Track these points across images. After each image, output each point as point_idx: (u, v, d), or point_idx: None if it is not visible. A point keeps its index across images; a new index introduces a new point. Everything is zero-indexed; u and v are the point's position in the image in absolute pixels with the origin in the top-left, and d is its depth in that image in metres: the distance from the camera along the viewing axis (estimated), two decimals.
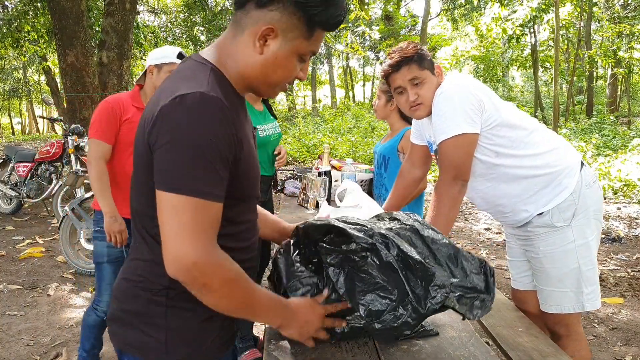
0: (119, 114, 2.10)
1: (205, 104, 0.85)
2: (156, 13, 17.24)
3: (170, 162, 0.84)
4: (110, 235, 2.08)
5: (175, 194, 0.84)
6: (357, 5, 7.91)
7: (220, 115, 0.86)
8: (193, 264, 0.84)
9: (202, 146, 0.83)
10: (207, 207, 0.85)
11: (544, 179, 1.72)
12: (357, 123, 15.58)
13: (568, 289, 1.74)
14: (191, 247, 0.83)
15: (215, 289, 0.88)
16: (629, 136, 11.29)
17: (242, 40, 0.93)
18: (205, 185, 0.85)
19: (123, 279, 1.02)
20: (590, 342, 2.93)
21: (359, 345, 1.12)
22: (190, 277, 0.85)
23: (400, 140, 2.59)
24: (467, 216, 6.34)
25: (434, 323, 1.23)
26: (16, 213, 6.02)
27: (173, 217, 0.84)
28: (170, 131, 0.84)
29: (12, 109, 30.90)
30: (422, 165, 2.14)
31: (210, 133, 0.84)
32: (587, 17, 14.59)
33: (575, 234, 1.71)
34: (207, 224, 0.86)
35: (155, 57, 2.15)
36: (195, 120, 0.84)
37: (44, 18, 10.14)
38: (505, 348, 1.80)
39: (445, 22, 23.95)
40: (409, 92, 1.74)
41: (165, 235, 0.85)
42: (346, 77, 31.68)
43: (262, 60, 0.93)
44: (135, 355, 0.99)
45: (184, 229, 0.84)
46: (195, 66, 0.94)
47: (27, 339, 2.94)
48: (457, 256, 1.10)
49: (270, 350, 1.11)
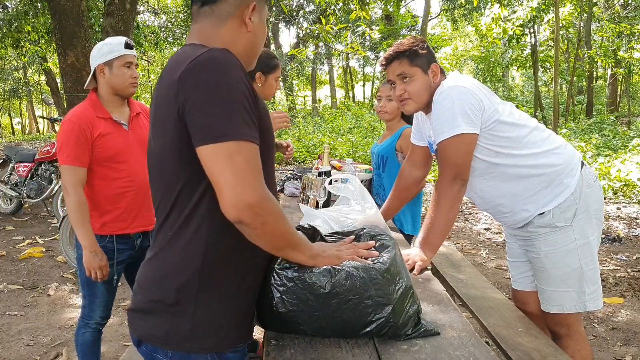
0: (88, 133, 1.91)
1: (220, 56, 0.91)
2: (156, 13, 17.24)
3: (209, 115, 0.88)
4: (89, 271, 1.92)
5: (223, 142, 0.87)
6: (357, 5, 7.90)
7: (238, 64, 0.92)
8: (256, 203, 0.89)
9: (232, 93, 0.88)
10: (253, 149, 0.90)
11: (544, 178, 1.72)
12: (357, 123, 15.59)
13: (570, 289, 1.74)
14: (251, 187, 0.88)
15: (272, 226, 0.93)
16: (628, 136, 11.29)
17: (227, 26, 1.01)
18: (247, 129, 0.89)
19: (150, 269, 1.04)
20: (590, 342, 2.93)
21: (359, 346, 1.12)
22: (253, 216, 0.89)
23: (398, 139, 2.59)
24: (467, 216, 6.34)
25: (435, 323, 1.23)
26: (16, 213, 6.02)
27: (227, 164, 0.87)
28: (198, 88, 0.88)
29: (12, 109, 30.91)
30: (423, 166, 2.14)
31: (235, 79, 0.90)
32: (587, 17, 14.59)
33: (576, 233, 1.71)
34: (257, 165, 0.91)
35: (100, 54, 1.94)
36: (217, 71, 0.89)
37: (44, 18, 10.14)
38: (505, 348, 1.80)
39: (445, 22, 23.95)
40: (397, 87, 1.76)
41: (222, 183, 0.88)
42: (346, 77, 31.69)
43: (251, 35, 1.04)
44: (157, 344, 1.01)
45: (241, 172, 0.88)
46: (190, 47, 0.99)
47: (27, 339, 2.94)
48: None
49: (270, 350, 1.11)
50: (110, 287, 2.09)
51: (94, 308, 2.09)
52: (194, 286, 0.98)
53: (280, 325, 1.13)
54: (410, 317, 1.15)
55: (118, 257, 2.04)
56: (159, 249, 1.03)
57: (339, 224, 1.68)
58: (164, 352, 1.01)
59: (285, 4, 14.44)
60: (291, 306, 1.08)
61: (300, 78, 30.59)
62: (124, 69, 1.97)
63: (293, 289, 1.08)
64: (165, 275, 1.00)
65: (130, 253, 2.10)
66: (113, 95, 2.00)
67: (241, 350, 1.09)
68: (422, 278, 1.61)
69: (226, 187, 0.88)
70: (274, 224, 0.93)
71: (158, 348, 1.01)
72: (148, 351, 1.03)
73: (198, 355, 1.00)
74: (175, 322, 0.99)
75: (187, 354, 1.00)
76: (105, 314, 2.13)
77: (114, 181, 1.98)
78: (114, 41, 1.98)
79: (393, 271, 1.15)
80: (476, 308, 2.23)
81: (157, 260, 1.02)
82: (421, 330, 1.16)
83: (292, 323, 1.10)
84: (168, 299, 0.99)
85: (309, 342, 1.13)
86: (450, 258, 3.28)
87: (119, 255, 2.04)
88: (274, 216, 0.93)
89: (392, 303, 1.11)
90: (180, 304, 0.98)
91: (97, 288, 2.06)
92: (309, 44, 20.38)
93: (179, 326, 0.99)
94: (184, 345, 0.99)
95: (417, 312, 1.17)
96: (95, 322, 2.11)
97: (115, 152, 1.96)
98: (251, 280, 1.07)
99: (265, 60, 2.46)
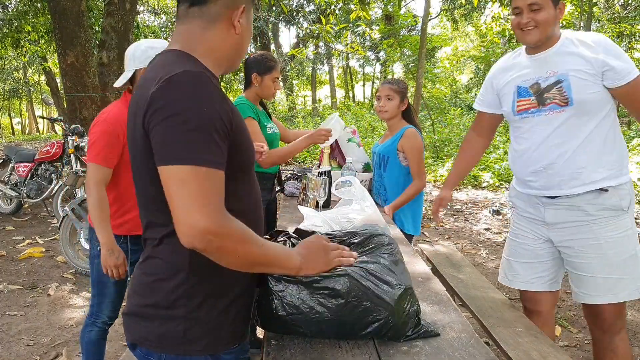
0: (122, 135, 1.93)
1: (192, 78, 0.90)
2: (156, 13, 17.24)
3: (169, 136, 0.87)
4: (106, 269, 1.95)
5: (179, 166, 0.86)
6: (357, 5, 7.90)
7: (209, 88, 0.91)
8: (206, 230, 0.86)
9: (197, 117, 0.87)
10: (211, 174, 0.88)
11: (623, 153, 1.82)
12: (357, 123, 15.59)
13: (626, 276, 1.80)
14: (202, 214, 0.86)
15: (231, 250, 0.91)
16: (629, 136, 11.29)
17: (216, 28, 1.01)
18: (207, 154, 0.88)
19: (143, 274, 1.05)
20: (590, 342, 2.92)
21: (359, 346, 1.12)
22: (205, 243, 0.88)
23: (400, 139, 2.60)
24: (467, 216, 6.34)
25: (435, 324, 1.23)
26: (16, 213, 6.02)
27: (180, 188, 0.86)
28: (164, 109, 0.88)
29: (12, 109, 30.91)
30: (489, 135, 2.23)
31: (203, 104, 0.88)
32: (587, 17, 14.59)
33: (631, 221, 1.80)
34: (214, 191, 0.89)
35: (146, 56, 1.92)
36: (186, 95, 0.88)
37: (44, 18, 10.14)
38: (505, 348, 1.80)
39: (446, 22, 23.94)
40: (524, 15, 1.79)
41: (175, 207, 0.87)
42: (346, 77, 31.69)
43: (239, 37, 1.05)
44: (151, 348, 1.02)
45: (193, 197, 0.86)
46: (172, 55, 0.99)
47: (27, 339, 2.94)
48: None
49: (270, 350, 1.11)
50: (122, 287, 2.10)
51: (102, 308, 2.11)
52: (185, 290, 0.99)
53: (280, 327, 1.13)
54: (410, 318, 1.15)
55: (131, 257, 2.05)
56: (148, 254, 1.04)
57: (338, 224, 1.68)
58: (158, 355, 1.02)
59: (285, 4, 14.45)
60: (290, 308, 1.08)
61: (300, 78, 30.59)
62: None
63: (293, 290, 1.08)
64: (156, 280, 1.01)
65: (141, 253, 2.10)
66: None
67: (236, 351, 1.09)
68: (422, 278, 1.61)
69: (178, 211, 0.87)
70: (232, 248, 0.91)
71: (152, 351, 1.02)
72: (143, 354, 1.04)
73: (192, 357, 1.01)
74: (167, 325, 1.00)
75: (181, 357, 1.01)
76: (113, 314, 2.14)
77: None
78: (160, 45, 1.96)
79: (393, 272, 1.15)
80: (476, 308, 2.23)
81: (148, 265, 1.04)
82: (421, 331, 1.16)
83: (292, 325, 1.10)
84: (160, 302, 1.00)
85: (309, 342, 1.13)
86: (450, 258, 3.27)
87: (132, 256, 2.05)
88: (232, 241, 0.90)
89: (392, 304, 1.11)
90: (172, 307, 1.00)
91: (108, 288, 2.08)
92: (309, 44, 20.38)
93: (171, 329, 1.00)
94: (178, 348, 1.00)
95: (416, 313, 1.17)
96: (103, 321, 2.12)
97: None
98: (244, 283, 1.08)
99: (260, 62, 2.49)
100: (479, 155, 2.28)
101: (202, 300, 1.00)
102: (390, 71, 20.30)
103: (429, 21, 12.65)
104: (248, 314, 1.12)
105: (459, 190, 8.36)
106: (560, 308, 3.41)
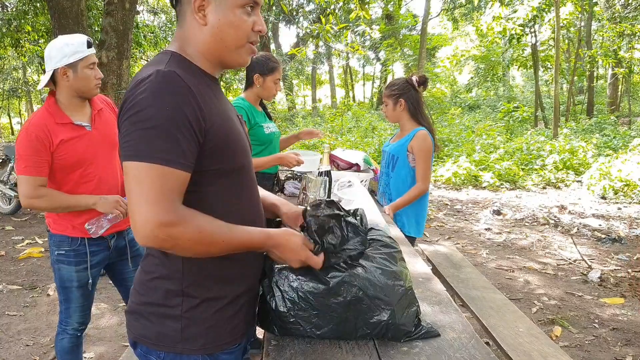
0: (47, 142, 1.81)
1: (162, 78, 0.90)
2: (156, 13, 17.23)
3: (130, 134, 0.88)
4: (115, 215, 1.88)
5: (135, 162, 0.87)
6: (357, 4, 7.89)
7: (177, 87, 0.90)
8: (157, 227, 0.86)
9: (160, 116, 0.87)
10: (167, 173, 0.88)
11: None
12: (357, 123, 15.58)
13: None
14: (151, 212, 0.86)
15: (186, 245, 0.91)
16: (629, 136, 11.28)
17: (187, 25, 1.01)
18: (165, 153, 0.87)
19: (142, 271, 1.06)
20: (590, 342, 2.92)
21: (359, 346, 1.12)
22: (158, 241, 0.88)
23: (411, 140, 2.60)
24: (468, 216, 6.34)
25: (435, 324, 1.22)
26: (16, 213, 6.02)
27: (135, 185, 0.87)
28: (130, 108, 0.89)
29: (12, 109, 30.89)
30: None
31: (168, 104, 0.88)
32: (588, 16, 14.58)
33: None
34: (168, 190, 0.88)
35: (62, 55, 1.80)
36: (152, 94, 0.88)
37: (43, 17, 10.13)
38: (505, 348, 1.80)
39: (446, 21, 23.94)
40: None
41: (130, 204, 0.88)
42: (346, 76, 31.68)
43: (209, 29, 0.99)
44: (149, 346, 1.03)
45: (145, 195, 0.86)
46: (158, 57, 1.00)
47: (27, 339, 2.93)
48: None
49: (270, 350, 1.11)
50: (86, 291, 2.02)
51: (70, 313, 2.03)
52: (181, 289, 1.00)
53: (281, 328, 1.12)
54: (410, 318, 1.14)
55: (92, 259, 1.98)
56: (147, 253, 1.06)
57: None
58: (157, 353, 1.02)
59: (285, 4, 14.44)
60: (291, 308, 1.08)
61: (300, 78, 30.58)
62: (88, 70, 1.87)
63: (293, 291, 1.08)
64: (154, 278, 1.02)
65: (105, 254, 2.04)
66: (74, 98, 1.90)
67: (235, 351, 1.08)
68: (422, 278, 1.60)
69: (131, 208, 0.88)
70: (191, 243, 0.90)
71: (151, 349, 1.03)
72: (143, 352, 1.05)
73: (189, 356, 1.02)
74: (165, 323, 1.01)
75: (178, 355, 1.01)
76: (83, 320, 2.07)
77: (84, 184, 1.92)
78: (76, 40, 1.83)
79: (393, 273, 1.15)
80: (477, 308, 2.22)
81: (146, 264, 1.05)
82: (421, 331, 1.16)
83: (293, 325, 1.09)
84: (158, 301, 1.01)
85: (309, 342, 1.13)
86: (450, 258, 3.27)
87: (93, 257, 1.99)
88: (187, 236, 0.89)
89: (392, 305, 1.10)
90: (170, 306, 1.00)
91: (72, 293, 2.00)
92: (309, 44, 20.37)
93: (169, 327, 1.00)
94: (175, 347, 1.01)
95: (416, 313, 1.17)
96: (73, 328, 2.04)
97: (80, 157, 1.89)
98: (244, 282, 1.07)
99: (263, 62, 2.50)
100: None
101: (199, 299, 1.01)
102: (391, 71, 20.30)
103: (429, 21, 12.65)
104: (250, 313, 1.11)
105: (459, 190, 8.35)
106: (561, 308, 3.41)
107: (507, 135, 12.31)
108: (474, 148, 10.32)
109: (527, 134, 11.90)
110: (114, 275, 2.18)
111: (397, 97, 2.63)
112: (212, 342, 1.03)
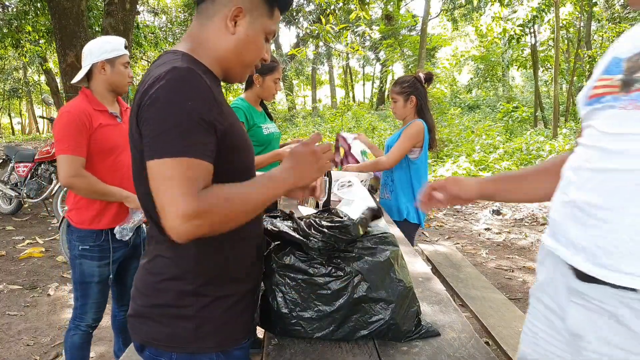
0: (88, 124, 1.91)
1: (179, 74, 0.89)
2: (156, 13, 17.24)
3: (154, 132, 0.87)
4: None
5: (162, 159, 0.86)
6: (357, 4, 7.90)
7: (197, 84, 0.90)
8: (197, 219, 0.84)
9: (181, 111, 0.87)
10: (196, 165, 0.87)
11: None
12: (357, 123, 15.58)
13: None
14: (191, 205, 0.84)
15: (224, 220, 0.89)
16: None
17: (212, 26, 1.00)
18: (190, 146, 0.87)
19: (148, 274, 1.03)
20: None
21: (359, 346, 1.12)
22: (201, 230, 0.86)
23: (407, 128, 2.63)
24: (467, 216, 6.34)
25: (435, 324, 1.23)
26: (16, 213, 6.02)
27: (165, 182, 0.85)
28: (151, 106, 0.88)
29: (12, 109, 30.91)
30: None
31: (188, 98, 0.88)
32: (588, 17, 14.58)
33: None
34: (199, 180, 0.87)
35: (102, 51, 1.97)
36: (172, 90, 0.88)
37: (44, 18, 10.14)
38: (505, 348, 1.81)
39: (446, 22, 23.94)
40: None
41: (162, 201, 0.85)
42: (346, 77, 31.69)
43: (235, 39, 1.00)
44: (160, 348, 1.01)
45: (177, 189, 0.84)
46: (167, 56, 0.99)
47: (27, 339, 2.94)
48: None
49: (270, 350, 1.11)
50: (105, 287, 2.07)
51: (86, 310, 2.06)
52: (193, 289, 0.99)
53: (282, 328, 1.13)
54: (410, 318, 1.15)
55: (114, 255, 2.04)
56: (154, 255, 1.03)
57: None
58: (169, 354, 1.01)
59: None
60: (293, 307, 1.08)
61: (300, 78, 30.59)
62: (123, 68, 2.04)
63: (295, 290, 1.08)
64: (163, 280, 1.00)
65: (124, 251, 2.10)
66: (108, 92, 2.05)
67: (245, 347, 1.09)
68: (422, 278, 1.61)
69: (164, 205, 0.85)
70: (226, 218, 0.89)
71: (162, 351, 1.01)
72: (152, 355, 1.03)
73: (204, 355, 1.01)
74: (178, 324, 1.00)
75: (192, 355, 1.01)
76: (98, 317, 2.10)
77: (115, 172, 1.99)
78: (116, 40, 2.02)
79: (393, 272, 1.15)
80: (476, 308, 2.23)
81: (155, 266, 1.02)
82: (421, 331, 1.16)
83: (294, 326, 1.10)
84: (170, 302, 0.99)
85: (309, 342, 1.13)
86: (450, 258, 3.28)
87: (115, 253, 2.04)
88: (218, 214, 0.87)
89: (392, 305, 1.11)
90: (182, 306, 0.99)
91: (91, 288, 2.03)
92: (309, 44, 20.38)
93: (182, 328, 0.99)
94: (189, 347, 1.00)
95: (416, 313, 1.17)
96: (87, 324, 2.08)
97: (114, 144, 1.99)
98: (251, 278, 1.08)
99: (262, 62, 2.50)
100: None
101: (210, 297, 1.00)
102: (391, 71, 20.31)
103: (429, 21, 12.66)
104: (255, 307, 1.12)
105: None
106: None
107: (507, 135, 12.32)
108: (473, 148, 10.32)
109: (526, 134, 11.90)
110: (117, 272, 2.20)
111: (409, 94, 2.65)
112: (226, 339, 1.03)
